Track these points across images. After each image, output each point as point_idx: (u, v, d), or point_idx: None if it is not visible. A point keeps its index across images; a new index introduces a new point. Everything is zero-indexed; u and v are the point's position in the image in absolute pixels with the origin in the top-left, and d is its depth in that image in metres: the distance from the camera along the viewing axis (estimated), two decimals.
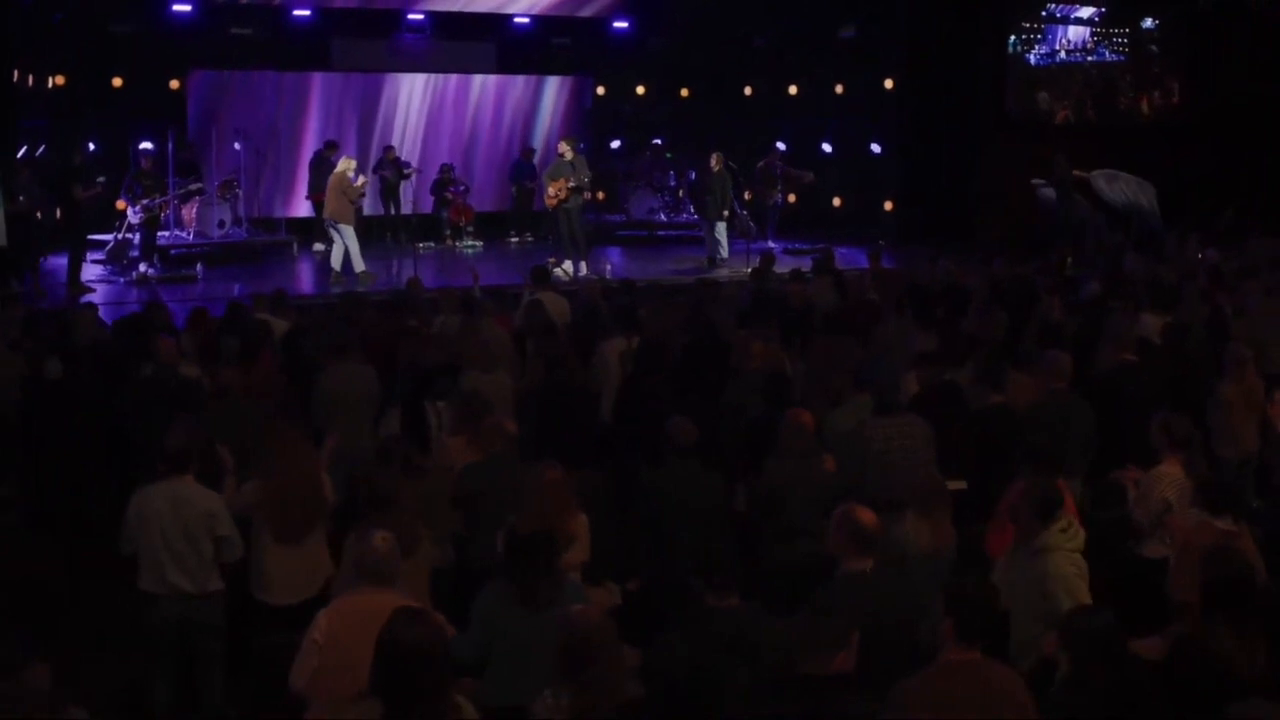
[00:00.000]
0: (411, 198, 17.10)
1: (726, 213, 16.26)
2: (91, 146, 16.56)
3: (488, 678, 4.75)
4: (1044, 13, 19.76)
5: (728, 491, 6.71)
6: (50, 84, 16.80)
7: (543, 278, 11.44)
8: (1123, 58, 20.60)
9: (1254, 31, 19.33)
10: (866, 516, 4.78)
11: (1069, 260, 14.38)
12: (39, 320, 9.93)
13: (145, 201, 14.82)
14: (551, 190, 15.29)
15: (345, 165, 14.81)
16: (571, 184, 15.12)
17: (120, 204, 15.76)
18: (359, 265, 14.55)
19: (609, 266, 16.09)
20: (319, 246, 17.17)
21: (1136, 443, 6.77)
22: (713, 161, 16.19)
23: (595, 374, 8.91)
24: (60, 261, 14.98)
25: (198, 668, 6.06)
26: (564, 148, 15.59)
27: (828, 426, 6.99)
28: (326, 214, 14.84)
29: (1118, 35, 20.61)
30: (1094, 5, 20.09)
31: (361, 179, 15.33)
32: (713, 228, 16.25)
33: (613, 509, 6.95)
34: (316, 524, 6.14)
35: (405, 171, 17.42)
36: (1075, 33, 20.15)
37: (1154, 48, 20.80)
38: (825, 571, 4.86)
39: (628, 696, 3.80)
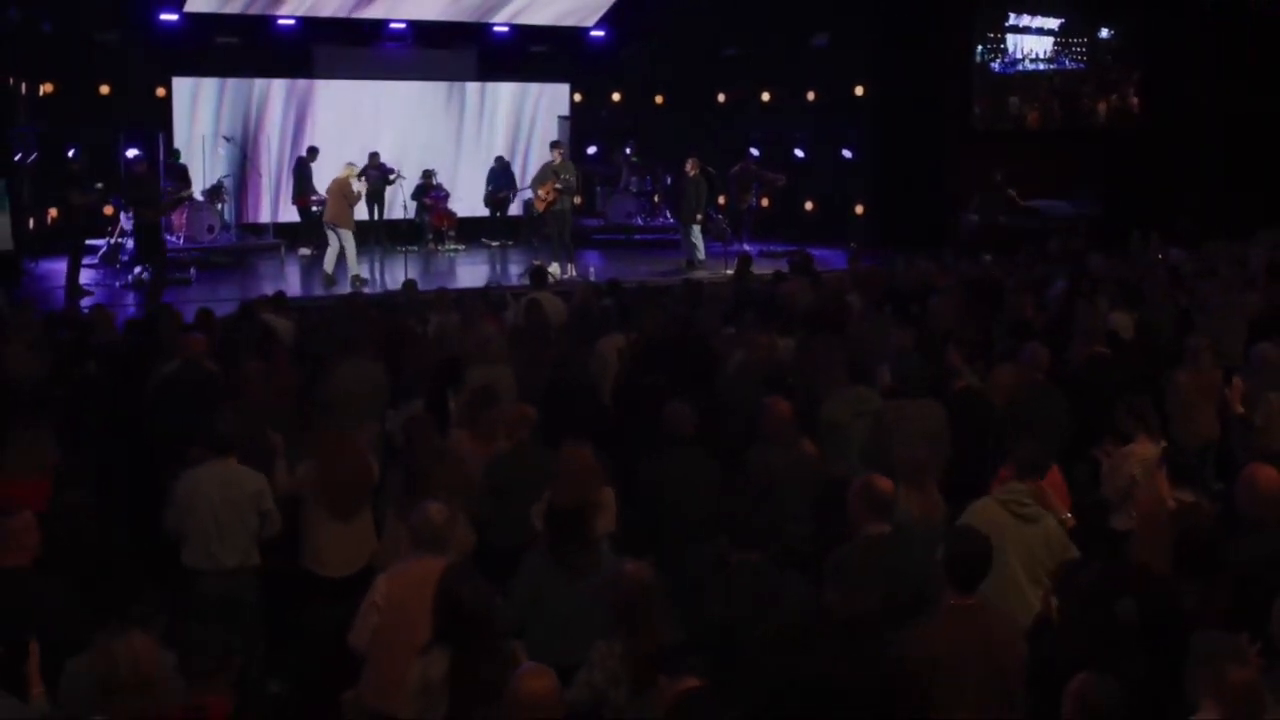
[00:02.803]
0: (402, 202, 17.51)
1: (700, 216, 16.75)
2: (71, 153, 16.81)
3: (528, 642, 5.18)
4: (1007, 24, 20.45)
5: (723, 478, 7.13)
6: (40, 92, 17.08)
7: (539, 279, 11.92)
8: (1083, 66, 21.33)
9: (1215, 40, 20.05)
10: (883, 484, 5.31)
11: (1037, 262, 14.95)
12: (57, 322, 10.26)
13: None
14: (541, 193, 15.83)
15: (348, 171, 15.27)
16: (559, 186, 15.64)
17: (108, 210, 16.11)
18: (354, 268, 14.96)
19: (592, 269, 16.56)
20: (304, 250, 17.56)
21: (1106, 428, 7.32)
22: (688, 166, 16.69)
23: (594, 369, 9.37)
24: (54, 265, 15.33)
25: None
26: (554, 154, 16.21)
27: (822, 416, 7.48)
28: (327, 217, 15.24)
29: (1077, 44, 21.35)
30: (1055, 16, 20.80)
31: (362, 184, 15.77)
32: (688, 231, 16.76)
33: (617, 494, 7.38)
34: (366, 501, 6.58)
35: (390, 177, 17.83)
36: (1038, 42, 20.86)
37: (1110, 57, 21.55)
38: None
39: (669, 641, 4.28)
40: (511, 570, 5.41)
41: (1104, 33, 21.52)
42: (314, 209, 17.75)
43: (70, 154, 15.97)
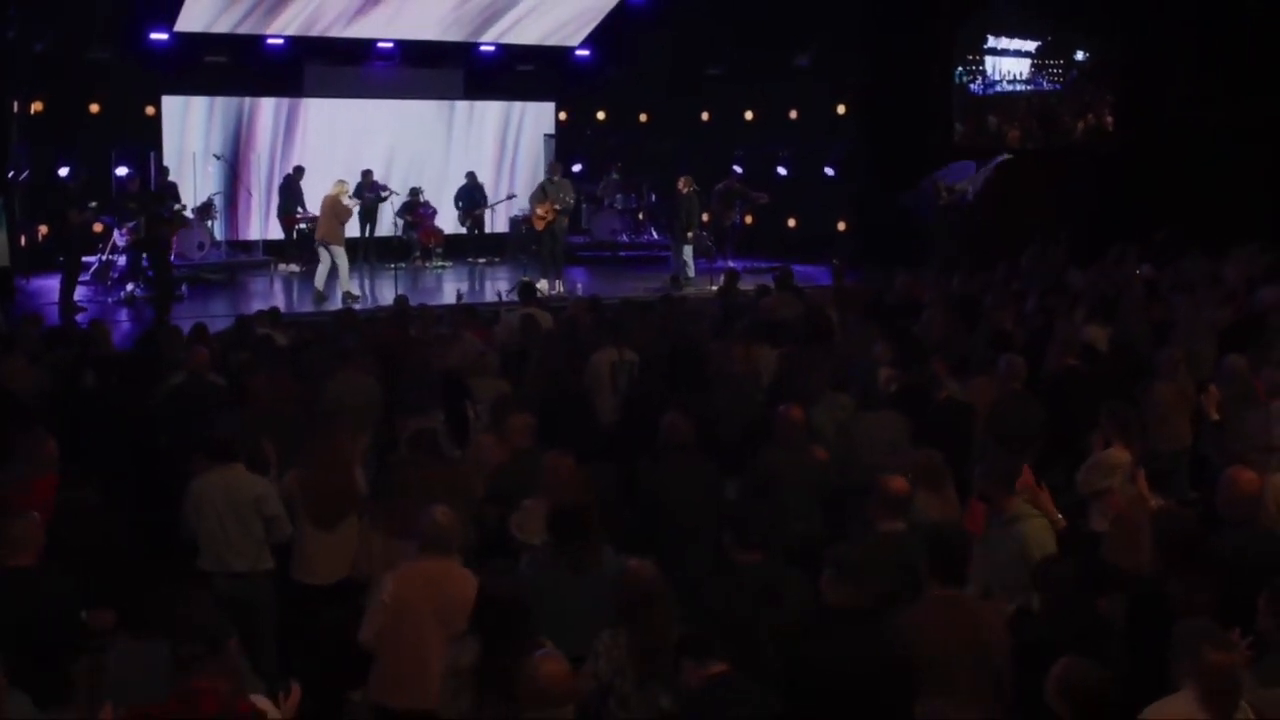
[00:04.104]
0: (392, 220, 17.70)
1: (691, 234, 17.03)
2: (64, 171, 16.95)
3: None
4: (985, 46, 20.82)
5: (720, 483, 7.37)
6: (31, 110, 17.22)
7: (529, 294, 12.15)
8: (1059, 86, 21.74)
9: (1193, 59, 20.41)
10: (897, 484, 5.58)
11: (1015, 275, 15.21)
12: (57, 336, 10.44)
13: (131, 224, 15.29)
14: (540, 211, 16.13)
15: (339, 189, 15.46)
16: (558, 206, 15.96)
17: (98, 227, 16.23)
18: (345, 284, 15.15)
19: (579, 286, 16.79)
20: (292, 267, 17.72)
21: (1078, 439, 7.58)
22: (681, 184, 16.95)
23: (587, 382, 9.59)
24: (45, 282, 15.49)
25: (253, 645, 6.62)
26: (553, 172, 16.54)
27: (810, 422, 7.72)
28: (319, 235, 15.43)
29: (1053, 66, 21.76)
30: (1033, 39, 21.20)
31: (353, 201, 15.99)
32: (680, 248, 17.02)
33: (616, 500, 7.59)
34: (350, 512, 6.73)
35: (383, 195, 18.05)
36: (1015, 64, 21.27)
37: (1086, 78, 21.96)
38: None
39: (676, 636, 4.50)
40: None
41: (1080, 55, 21.93)
42: (300, 226, 17.93)
43: (64, 172, 16.12)
